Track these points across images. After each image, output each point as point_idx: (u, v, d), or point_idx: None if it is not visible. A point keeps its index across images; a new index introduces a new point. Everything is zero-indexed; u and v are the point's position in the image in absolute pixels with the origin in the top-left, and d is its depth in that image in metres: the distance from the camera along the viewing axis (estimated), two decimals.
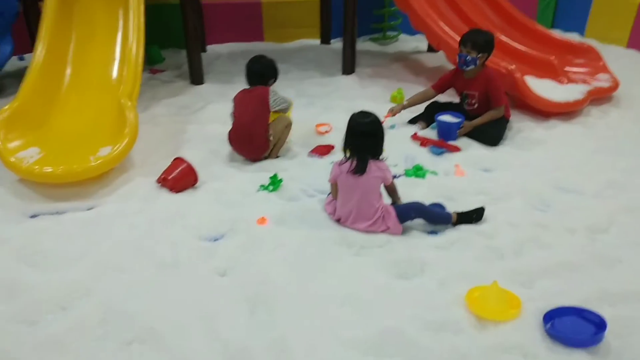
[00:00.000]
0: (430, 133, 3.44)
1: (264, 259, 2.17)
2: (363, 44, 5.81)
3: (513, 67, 3.52)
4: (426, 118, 3.56)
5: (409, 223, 2.39)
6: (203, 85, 4.48)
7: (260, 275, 2.07)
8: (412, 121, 3.62)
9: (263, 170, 2.95)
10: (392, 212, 2.32)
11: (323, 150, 3.20)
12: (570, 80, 3.77)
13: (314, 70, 4.87)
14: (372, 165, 2.30)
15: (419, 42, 5.72)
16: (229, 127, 3.25)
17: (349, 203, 2.33)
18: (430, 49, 5.37)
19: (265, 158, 3.10)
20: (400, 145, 3.25)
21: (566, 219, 2.44)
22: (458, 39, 3.80)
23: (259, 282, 2.04)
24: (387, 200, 2.47)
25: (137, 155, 3.05)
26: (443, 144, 3.22)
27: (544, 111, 3.58)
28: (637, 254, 2.19)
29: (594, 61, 4.09)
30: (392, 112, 3.51)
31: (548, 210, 2.54)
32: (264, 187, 2.76)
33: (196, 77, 4.49)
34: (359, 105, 3.98)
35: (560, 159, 3.04)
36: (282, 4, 5.78)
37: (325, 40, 5.77)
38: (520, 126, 3.50)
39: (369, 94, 4.26)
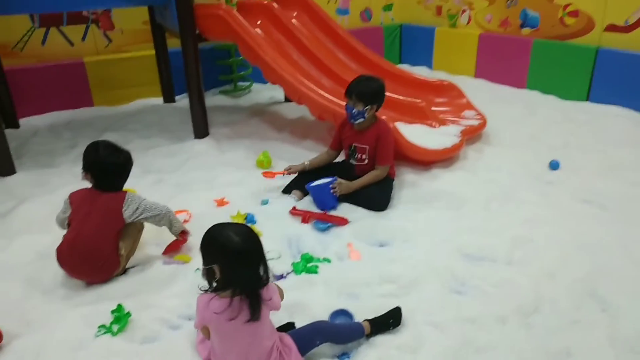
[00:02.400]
0: (310, 203, 2.94)
1: None
2: (213, 99, 5.22)
3: (383, 117, 3.17)
4: (301, 185, 3.05)
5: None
6: (14, 175, 3.47)
7: None
8: (286, 190, 3.08)
9: (103, 298, 2.15)
10: (292, 345, 1.71)
11: (176, 246, 2.50)
12: (441, 123, 3.56)
13: (160, 137, 4.13)
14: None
15: (275, 92, 5.29)
16: (56, 234, 2.40)
17: (229, 355, 1.65)
18: (288, 99, 4.96)
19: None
20: (279, 225, 2.69)
21: (490, 303, 2.05)
22: (319, 91, 3.44)
23: None
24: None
25: None
26: (327, 217, 2.73)
27: (423, 160, 3.29)
28: (580, 336, 1.86)
29: (457, 99, 3.97)
30: (289, 171, 3.02)
31: (466, 292, 2.14)
32: (105, 330, 1.97)
33: (2, 165, 3.47)
34: (220, 176, 3.38)
35: (457, 218, 2.71)
36: (111, 62, 4.97)
37: (169, 98, 5.06)
38: (403, 181, 3.15)
39: (230, 160, 3.65)
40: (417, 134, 3.33)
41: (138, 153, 3.76)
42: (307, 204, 2.92)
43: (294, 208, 2.82)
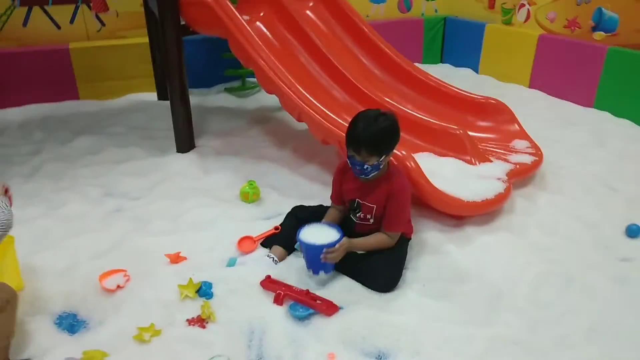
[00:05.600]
0: (293, 266, 2.18)
1: None
2: (216, 98, 4.50)
3: (403, 153, 2.36)
4: (285, 239, 2.29)
5: None
6: None
7: None
8: (266, 244, 2.33)
9: None
10: None
11: None
12: (482, 159, 2.71)
13: (138, 146, 3.45)
14: None
15: None
16: None
17: None
18: None
19: None
20: (242, 304, 1.95)
21: None
22: (324, 109, 2.64)
23: None
24: None
25: None
26: (310, 300, 1.96)
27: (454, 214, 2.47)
28: None
29: (506, 124, 3.09)
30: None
31: None
32: None
33: None
34: (191, 210, 2.62)
35: (493, 319, 1.89)
36: (100, 49, 4.31)
37: (164, 94, 4.35)
38: (423, 241, 2.34)
39: (211, 185, 2.93)
40: (448, 175, 2.52)
41: (104, 168, 3.14)
42: (288, 267, 2.16)
43: (267, 278, 2.06)
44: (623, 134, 3.58)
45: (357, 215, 2.16)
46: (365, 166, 1.98)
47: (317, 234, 2.04)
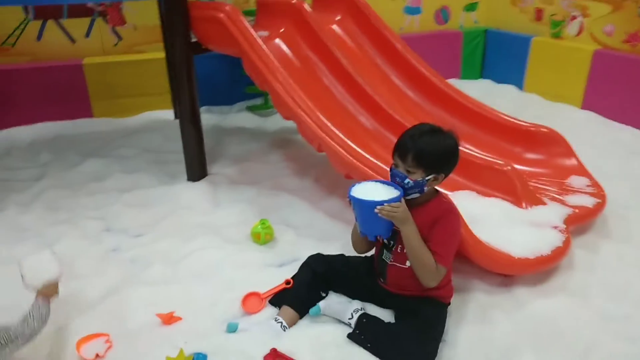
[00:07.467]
0: (305, 335, 1.81)
1: None
2: (236, 117, 4.21)
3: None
4: (297, 298, 1.93)
5: None
6: None
7: None
8: (275, 302, 1.98)
9: None
10: None
11: None
12: (534, 201, 2.30)
13: (147, 172, 3.17)
14: None
15: None
16: None
17: None
18: None
19: None
20: None
21: None
22: (348, 141, 2.28)
23: None
24: None
25: None
26: None
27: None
28: None
29: (561, 157, 2.66)
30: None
31: None
32: None
33: None
34: (194, 253, 2.31)
35: None
36: (115, 65, 4.07)
37: None
38: (465, 302, 1.95)
39: (221, 221, 2.62)
40: (493, 222, 2.12)
41: (109, 197, 2.87)
42: (299, 336, 1.80)
43: (273, 351, 1.71)
44: None
45: (392, 249, 1.79)
46: (407, 180, 1.66)
47: (372, 192, 1.68)
